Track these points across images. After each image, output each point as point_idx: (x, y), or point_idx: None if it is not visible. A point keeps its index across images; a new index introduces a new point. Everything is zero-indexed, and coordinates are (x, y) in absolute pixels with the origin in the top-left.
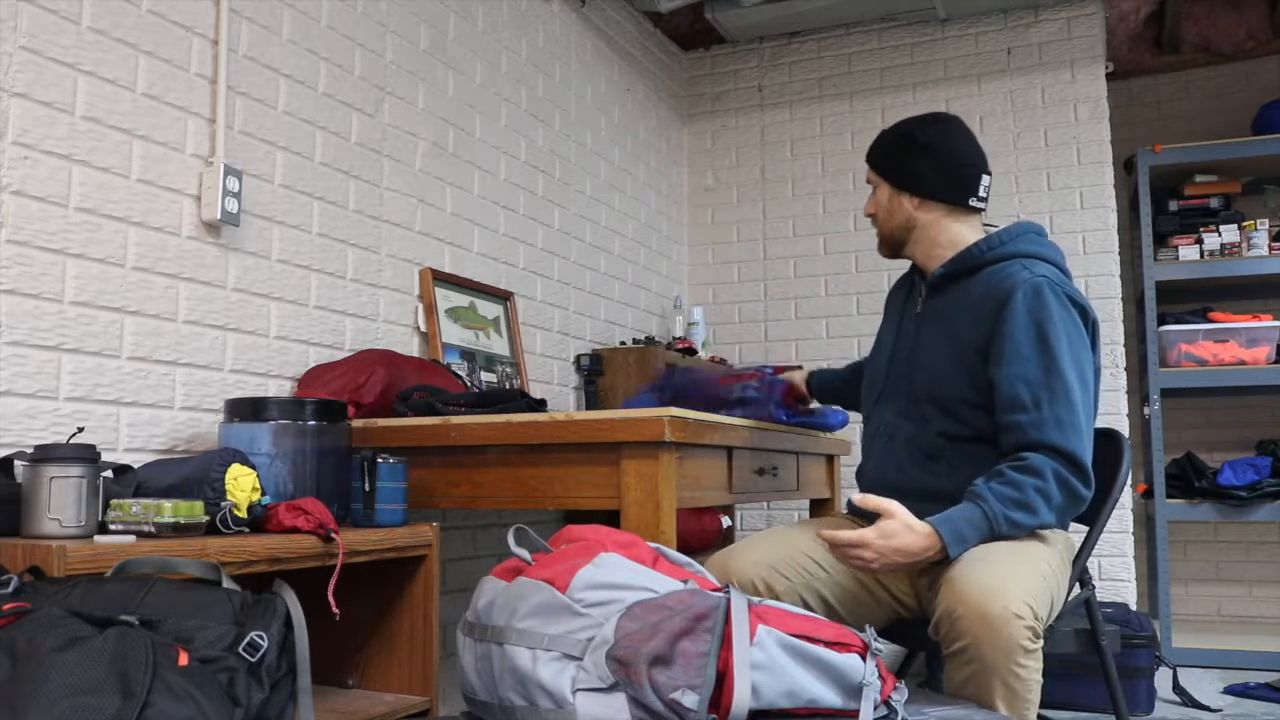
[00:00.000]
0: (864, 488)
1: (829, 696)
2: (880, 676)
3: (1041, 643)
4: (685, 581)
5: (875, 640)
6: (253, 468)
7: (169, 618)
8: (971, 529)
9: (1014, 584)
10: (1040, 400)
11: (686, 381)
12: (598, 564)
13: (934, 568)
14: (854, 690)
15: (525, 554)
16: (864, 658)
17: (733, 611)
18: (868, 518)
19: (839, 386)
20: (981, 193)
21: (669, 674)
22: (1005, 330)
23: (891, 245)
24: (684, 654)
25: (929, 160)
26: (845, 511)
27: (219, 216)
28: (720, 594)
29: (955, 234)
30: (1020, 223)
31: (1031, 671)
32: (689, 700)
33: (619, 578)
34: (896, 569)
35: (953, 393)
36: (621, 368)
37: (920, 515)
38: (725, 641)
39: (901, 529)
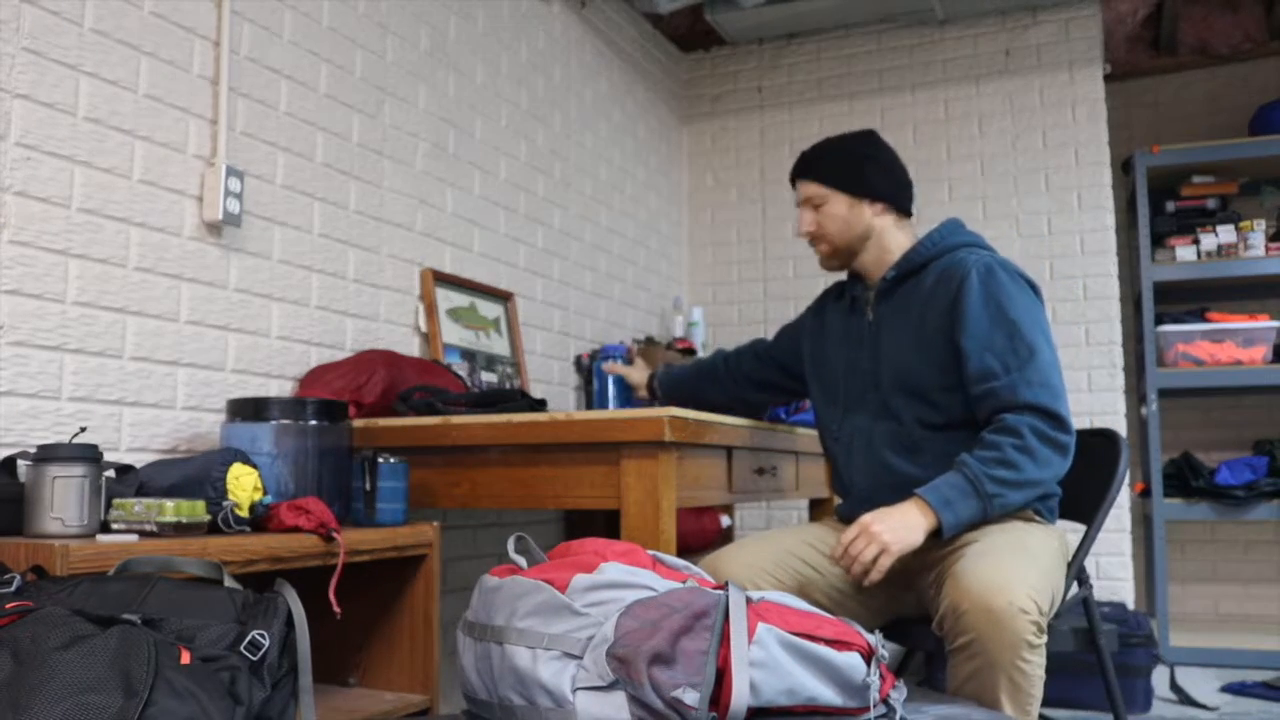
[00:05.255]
0: (849, 493)
1: (828, 695)
2: (880, 675)
3: (1045, 638)
4: (684, 582)
5: (881, 647)
6: (254, 467)
7: (171, 616)
8: (956, 492)
9: (1018, 579)
10: (1009, 365)
11: None
12: (600, 570)
13: (937, 566)
14: (854, 689)
15: (522, 562)
16: (867, 659)
17: (731, 609)
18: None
19: (689, 387)
20: (914, 201)
21: (669, 672)
22: (965, 308)
23: (845, 257)
24: (684, 652)
25: (879, 169)
26: (836, 517)
27: (220, 217)
28: (720, 591)
29: (901, 240)
30: (949, 220)
31: (1035, 667)
32: (689, 698)
33: (618, 578)
34: (910, 545)
35: (924, 379)
36: None
37: None
38: (724, 639)
39: (884, 511)
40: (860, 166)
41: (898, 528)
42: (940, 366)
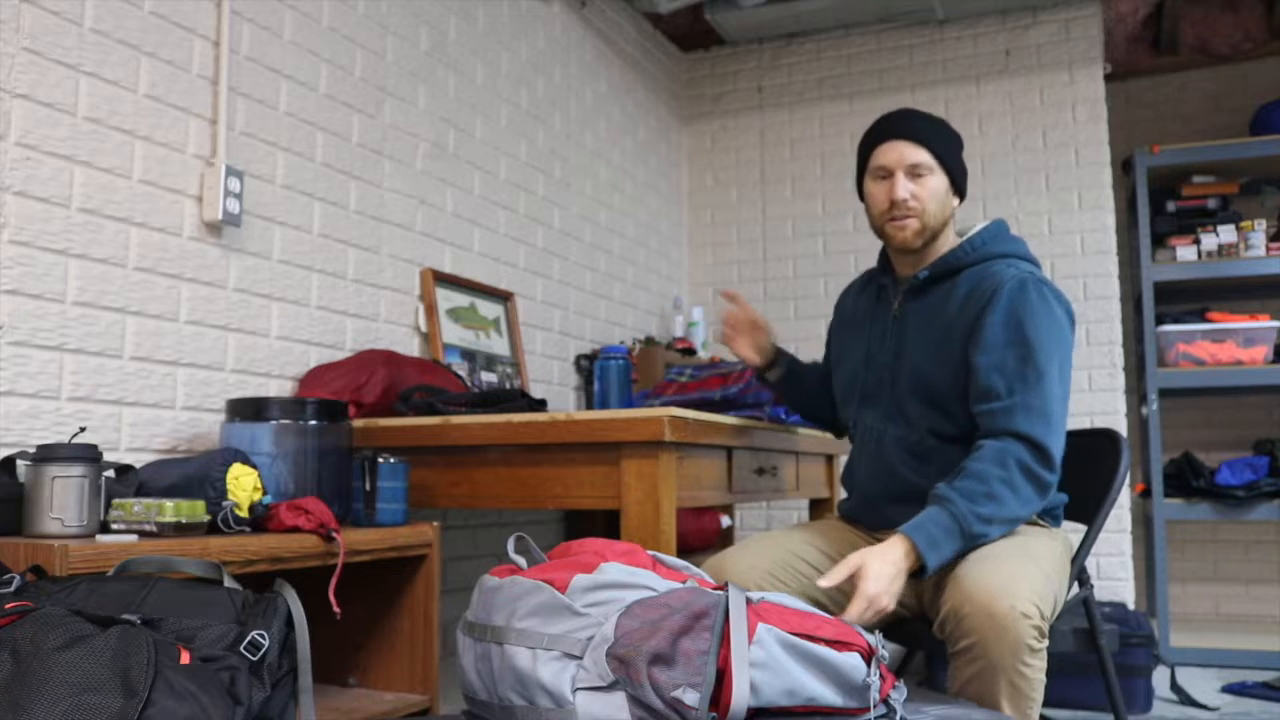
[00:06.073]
0: (853, 492)
1: (829, 695)
2: (880, 676)
3: (1047, 642)
4: (684, 583)
5: (881, 647)
6: (254, 467)
7: (171, 617)
8: (942, 532)
9: (1021, 583)
10: (1013, 388)
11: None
12: (600, 570)
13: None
14: (854, 689)
15: (522, 562)
16: (867, 660)
17: (731, 609)
18: (863, 521)
19: (804, 390)
20: None
21: (669, 673)
22: (986, 323)
23: (928, 240)
24: (684, 652)
25: (964, 160)
26: (838, 515)
27: (220, 217)
28: (720, 592)
29: (949, 238)
30: (994, 222)
31: (1036, 670)
32: (690, 698)
33: (618, 578)
34: (899, 594)
35: (942, 388)
36: None
37: (911, 517)
38: (724, 639)
39: (872, 558)
40: (959, 152)
41: (893, 589)
42: (959, 377)
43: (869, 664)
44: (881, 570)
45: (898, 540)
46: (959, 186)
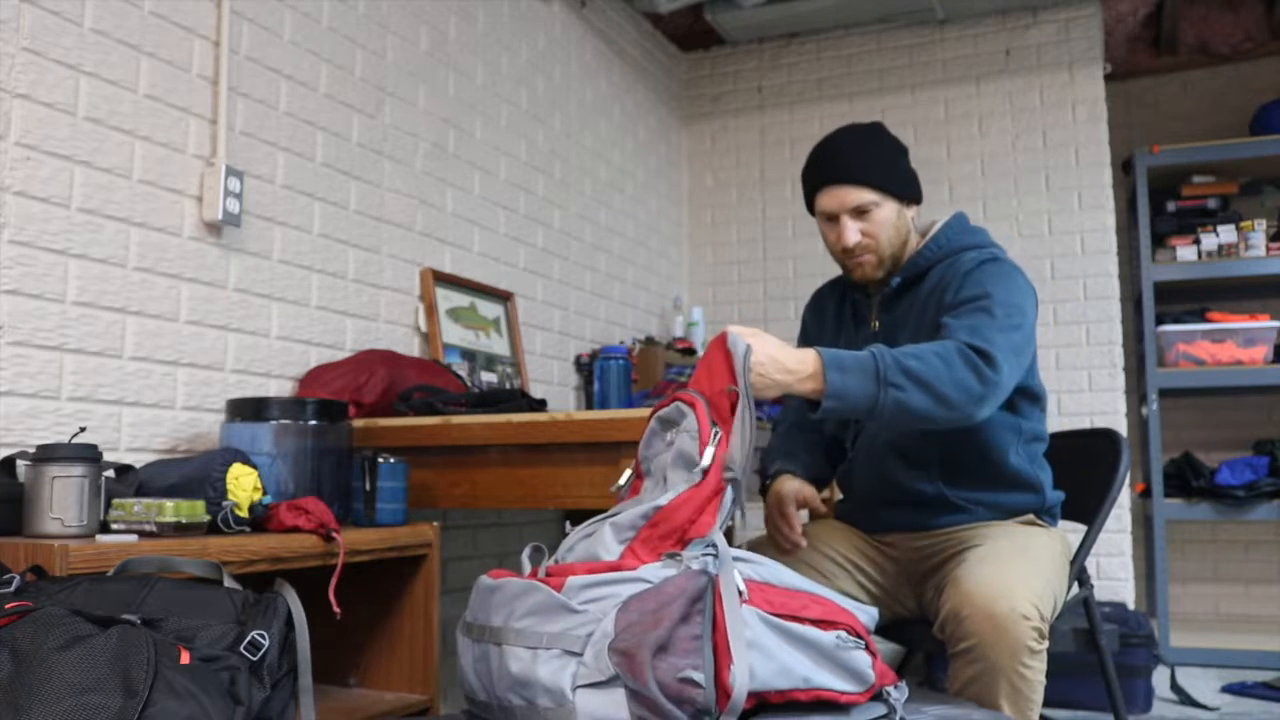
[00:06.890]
0: (850, 494)
1: (823, 676)
2: (870, 652)
3: (1047, 643)
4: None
5: (872, 620)
6: (254, 467)
7: (171, 617)
8: (854, 362)
9: (1020, 585)
10: (962, 321)
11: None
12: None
13: (938, 570)
14: (849, 670)
15: (527, 568)
16: (855, 638)
17: (723, 592)
18: (860, 524)
19: (819, 462)
20: None
21: (670, 659)
22: (948, 295)
23: (888, 267)
24: (681, 639)
25: (909, 166)
26: (835, 516)
27: (220, 217)
28: (711, 573)
29: (913, 242)
30: (954, 217)
31: (1036, 672)
32: (699, 677)
33: (613, 574)
34: (769, 377)
35: None
36: None
37: (909, 522)
38: (716, 623)
39: (768, 338)
40: (904, 167)
41: (776, 359)
42: None
43: (859, 642)
44: (780, 350)
45: (810, 350)
46: (911, 197)
